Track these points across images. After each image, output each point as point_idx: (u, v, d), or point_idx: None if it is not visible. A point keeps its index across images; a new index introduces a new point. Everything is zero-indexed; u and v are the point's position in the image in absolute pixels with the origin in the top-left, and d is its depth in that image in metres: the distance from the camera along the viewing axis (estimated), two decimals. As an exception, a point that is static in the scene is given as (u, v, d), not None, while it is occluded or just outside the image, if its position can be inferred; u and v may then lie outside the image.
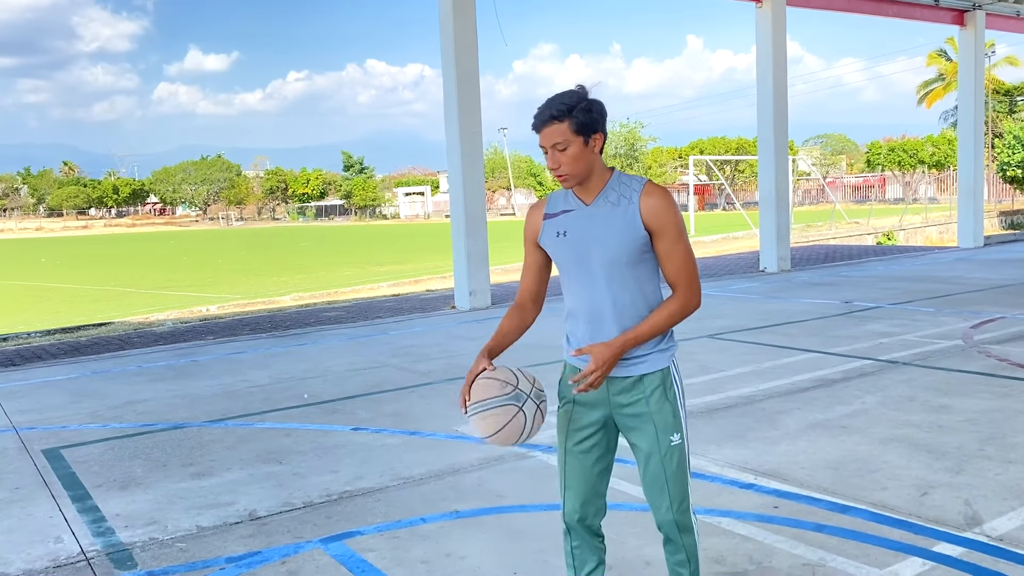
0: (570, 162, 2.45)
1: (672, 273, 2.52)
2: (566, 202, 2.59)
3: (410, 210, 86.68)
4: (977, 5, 17.85)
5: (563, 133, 2.43)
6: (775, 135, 14.87)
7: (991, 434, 5.00)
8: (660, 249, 2.50)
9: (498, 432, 2.47)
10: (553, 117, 2.43)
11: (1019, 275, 12.70)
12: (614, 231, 2.49)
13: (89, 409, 6.69)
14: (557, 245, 2.58)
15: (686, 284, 2.51)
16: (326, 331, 10.36)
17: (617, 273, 2.51)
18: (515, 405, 2.47)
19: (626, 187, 2.52)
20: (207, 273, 27.56)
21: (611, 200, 2.51)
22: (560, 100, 2.44)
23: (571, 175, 2.48)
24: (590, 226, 2.52)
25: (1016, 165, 32.16)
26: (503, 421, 2.45)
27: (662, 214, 2.47)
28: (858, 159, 72.06)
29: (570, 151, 2.44)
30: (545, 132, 2.45)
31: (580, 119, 2.42)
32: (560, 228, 2.57)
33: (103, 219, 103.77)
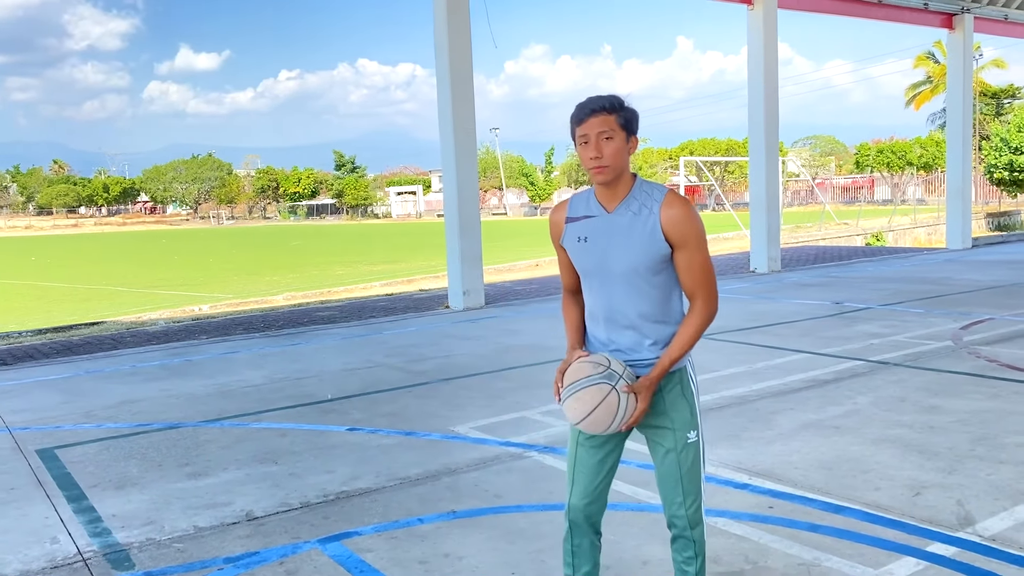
0: (612, 154, 2.51)
1: (691, 284, 2.57)
2: (588, 207, 2.63)
3: (402, 209, 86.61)
4: (965, 9, 17.97)
5: (610, 124, 2.50)
6: (766, 137, 14.94)
7: (982, 435, 5.05)
8: (680, 260, 2.55)
9: (591, 413, 2.50)
10: (604, 108, 2.50)
11: (1007, 276, 12.80)
12: (635, 242, 2.53)
13: (83, 409, 6.68)
14: (578, 250, 2.63)
15: (706, 295, 2.56)
16: (319, 331, 10.36)
17: (637, 282, 2.56)
18: (608, 384, 2.49)
19: (647, 196, 2.56)
20: (199, 272, 27.48)
21: (632, 209, 2.55)
22: (607, 96, 2.53)
23: (612, 166, 2.52)
24: (611, 235, 2.57)
25: (1003, 167, 32.38)
26: (596, 400, 2.48)
27: (683, 226, 2.51)
28: (847, 160, 72.40)
29: (614, 143, 2.51)
30: (592, 121, 2.51)
31: (627, 116, 2.52)
32: (581, 233, 2.62)
33: (93, 217, 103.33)
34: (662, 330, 2.60)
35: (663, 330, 2.60)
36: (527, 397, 6.40)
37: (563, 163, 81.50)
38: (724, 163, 63.03)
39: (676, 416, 2.62)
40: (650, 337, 2.59)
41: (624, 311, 2.58)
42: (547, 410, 5.95)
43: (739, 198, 60.25)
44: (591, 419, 2.51)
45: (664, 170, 69.71)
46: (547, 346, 8.55)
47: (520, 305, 11.96)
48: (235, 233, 64.36)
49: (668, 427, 2.62)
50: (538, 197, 77.10)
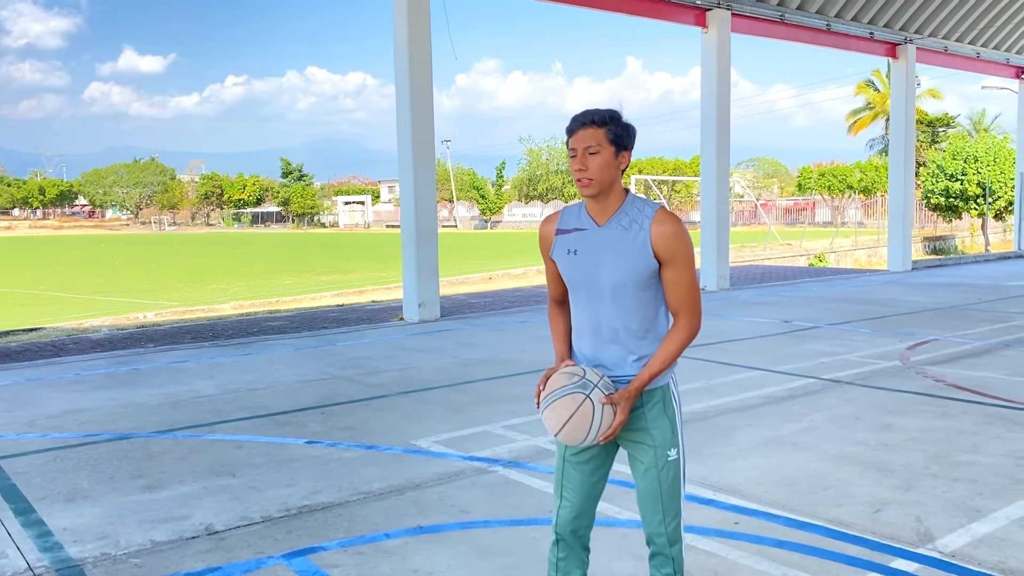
0: (598, 168, 2.51)
1: (677, 301, 2.58)
2: (579, 220, 2.63)
3: (349, 219, 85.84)
4: (909, 39, 18.58)
5: (598, 138, 2.51)
6: (717, 157, 15.19)
7: (935, 453, 5.18)
8: (667, 276, 2.56)
9: (566, 423, 2.49)
10: (593, 121, 2.51)
11: (947, 299, 13.21)
12: (624, 256, 2.54)
13: (26, 418, 6.44)
14: (567, 262, 2.63)
15: (690, 312, 2.58)
16: (270, 341, 10.18)
17: (624, 296, 2.56)
18: (581, 392, 2.49)
19: (639, 212, 2.57)
20: (141, 278, 26.81)
21: (623, 224, 2.56)
22: (600, 110, 2.54)
23: (596, 181, 2.53)
24: (601, 248, 2.57)
25: (939, 193, 33.44)
26: (571, 410, 2.48)
27: (673, 243, 2.53)
28: (789, 183, 74.05)
29: (600, 157, 2.51)
30: (581, 134, 2.52)
31: (616, 131, 2.52)
32: (571, 246, 2.62)
33: (27, 220, 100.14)
34: (648, 346, 2.61)
35: (648, 346, 2.61)
36: (488, 411, 6.37)
37: (514, 177, 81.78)
38: (671, 182, 63.96)
39: (657, 433, 2.62)
40: (635, 353, 2.60)
41: (611, 325, 2.58)
42: (509, 424, 5.93)
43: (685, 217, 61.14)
44: (566, 430, 2.50)
45: (612, 187, 70.30)
46: (504, 359, 8.54)
47: (476, 318, 11.92)
48: (177, 239, 63.01)
49: (649, 444, 2.61)
50: (488, 211, 77.15)
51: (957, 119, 54.53)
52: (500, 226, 74.27)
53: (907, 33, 18.51)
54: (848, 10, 17.12)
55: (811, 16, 16.58)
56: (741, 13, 15.35)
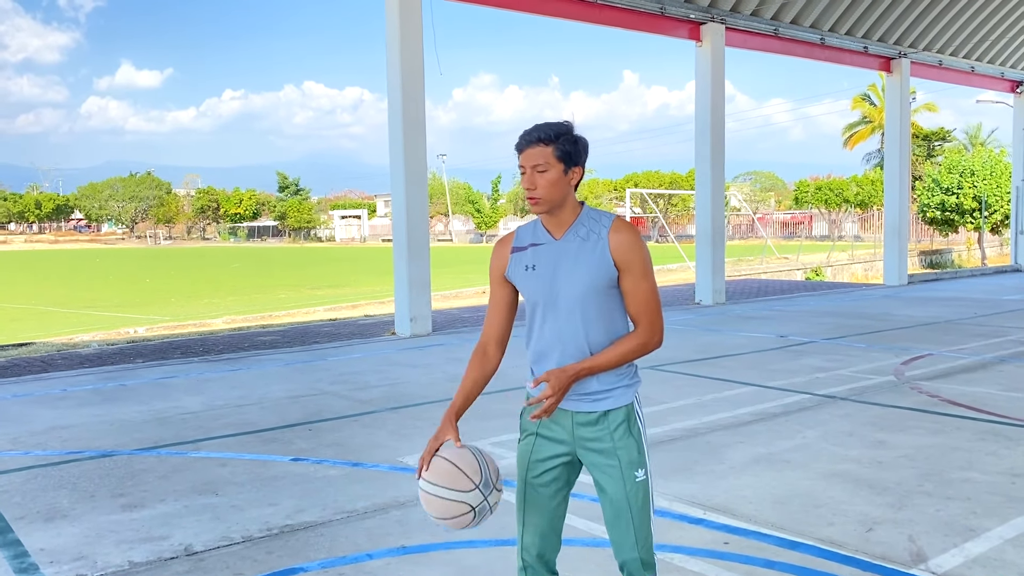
0: (546, 186, 2.47)
1: (635, 309, 2.52)
2: (535, 235, 2.58)
3: (346, 233, 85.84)
4: (903, 53, 18.63)
5: (546, 156, 2.46)
6: (712, 171, 15.18)
7: (928, 470, 5.11)
8: (626, 285, 2.51)
9: (442, 520, 2.48)
10: (540, 139, 2.46)
11: (943, 313, 13.16)
12: (583, 266, 2.49)
13: (10, 435, 6.35)
14: (526, 278, 2.56)
15: (648, 322, 2.52)
16: (261, 356, 10.09)
17: (585, 308, 2.50)
18: (468, 506, 2.45)
19: (595, 223, 2.53)
20: (134, 293, 26.71)
21: (580, 235, 2.52)
22: (549, 126, 2.48)
23: (544, 199, 2.48)
24: (559, 260, 2.52)
25: (935, 207, 33.48)
26: (452, 513, 2.46)
27: (630, 250, 2.48)
28: (786, 196, 74.19)
29: (549, 175, 2.46)
30: (529, 152, 2.47)
31: (564, 147, 2.47)
32: (529, 262, 2.56)
33: (23, 234, 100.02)
34: None
35: None
36: (476, 428, 6.28)
37: (510, 191, 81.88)
38: (668, 196, 64.04)
39: (623, 455, 2.53)
40: None
41: (575, 340, 2.51)
42: (496, 441, 5.85)
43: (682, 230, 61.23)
44: (439, 521, 2.49)
45: (609, 201, 70.49)
46: (496, 375, 8.44)
47: (467, 333, 11.84)
48: (172, 254, 62.94)
49: (615, 465, 2.53)
50: (484, 224, 77.23)
51: (953, 133, 54.74)
52: (495, 240, 74.18)
53: (901, 47, 18.56)
54: (842, 24, 17.16)
55: (805, 30, 16.62)
56: (735, 27, 15.38)
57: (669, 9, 14.36)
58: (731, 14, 15.20)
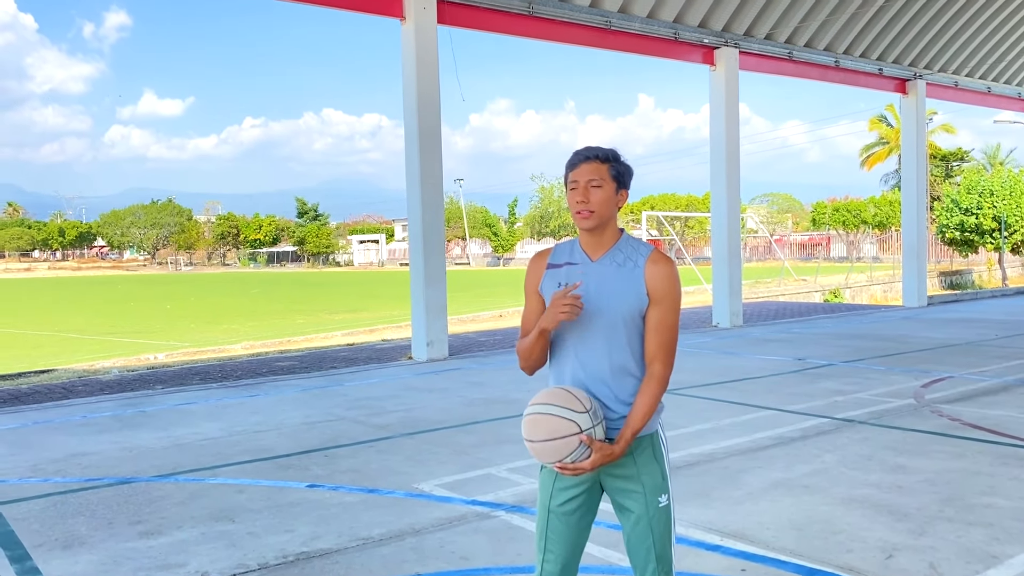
0: (599, 202, 2.53)
1: (655, 345, 2.54)
2: (571, 255, 2.62)
3: (364, 258, 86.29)
4: (918, 75, 18.60)
5: (601, 173, 2.53)
6: (728, 193, 15.18)
7: (949, 495, 5.05)
8: (652, 317, 2.53)
9: (548, 441, 2.43)
10: (596, 157, 2.55)
11: (963, 335, 13.03)
12: (618, 292, 2.52)
13: (30, 462, 6.41)
14: None
15: (664, 359, 2.55)
16: (279, 381, 10.14)
17: (615, 332, 2.53)
18: (578, 426, 2.43)
19: (634, 250, 2.57)
20: (155, 319, 26.94)
21: (617, 261, 2.56)
22: (603, 147, 2.57)
23: (596, 214, 2.53)
24: (593, 282, 2.55)
25: (954, 227, 33.24)
26: (561, 432, 2.42)
27: (665, 283, 2.52)
28: (803, 218, 73.93)
29: (603, 191, 2.53)
30: (585, 167, 2.54)
31: (618, 168, 2.56)
32: (563, 280, 2.59)
33: (47, 262, 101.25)
34: (633, 384, 2.56)
35: (634, 384, 2.56)
36: (493, 453, 6.28)
37: (526, 214, 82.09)
38: (684, 218, 63.98)
39: (647, 480, 2.55)
40: (620, 392, 2.55)
41: (599, 362, 2.53)
42: (514, 467, 5.84)
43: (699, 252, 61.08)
44: (543, 447, 2.45)
45: (626, 223, 70.56)
46: (511, 399, 8.45)
47: (484, 357, 11.85)
48: (193, 280, 63.47)
49: (639, 491, 2.55)
50: (501, 248, 77.40)
51: (971, 153, 54.45)
52: (512, 263, 74.41)
53: (916, 69, 18.54)
54: (856, 47, 17.18)
55: (819, 53, 16.64)
56: (749, 51, 15.43)
57: (683, 34, 14.45)
58: (745, 38, 15.26)
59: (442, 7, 11.64)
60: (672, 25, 14.28)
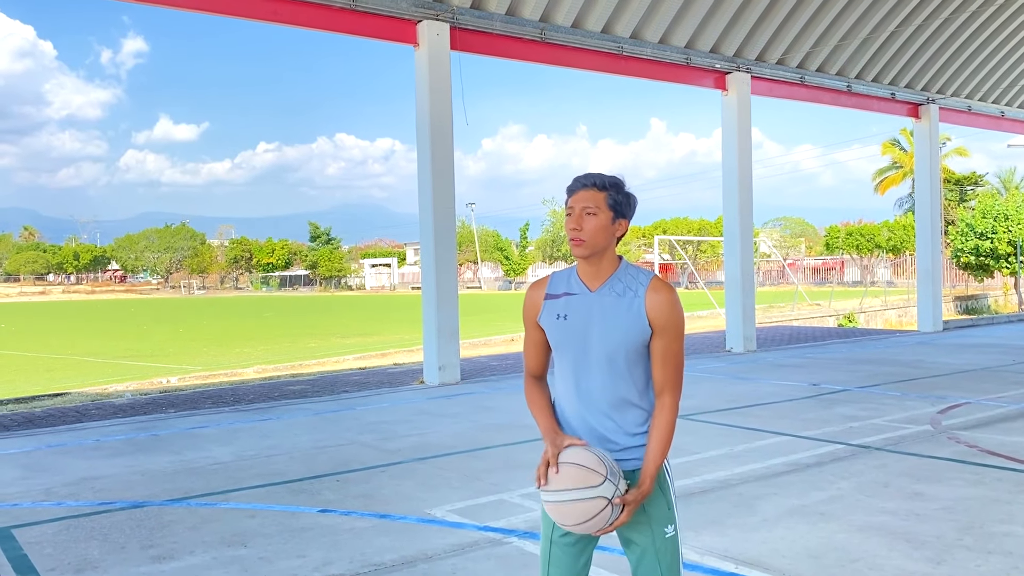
0: (592, 230, 2.49)
1: (662, 375, 2.51)
2: (569, 285, 2.59)
3: (376, 281, 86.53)
4: (931, 99, 18.60)
5: (596, 201, 2.49)
6: (740, 218, 15.17)
7: (968, 523, 4.98)
8: (657, 347, 2.50)
9: (583, 524, 2.40)
10: (594, 184, 2.51)
11: (979, 360, 12.91)
12: (618, 322, 2.49)
13: (43, 485, 6.42)
14: (556, 327, 2.56)
15: (673, 389, 2.53)
16: (291, 405, 10.14)
17: (616, 364, 2.50)
18: (605, 499, 2.38)
19: (633, 279, 2.53)
20: (167, 342, 27.05)
21: (616, 290, 2.52)
22: (603, 175, 2.53)
23: (589, 242, 2.50)
24: (593, 313, 2.52)
25: (969, 252, 33.09)
26: (592, 513, 2.38)
27: (667, 312, 2.48)
28: (817, 242, 73.77)
29: (597, 219, 2.49)
30: (581, 194, 2.51)
31: (616, 197, 2.51)
32: (561, 311, 2.55)
33: (61, 285, 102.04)
34: (636, 415, 2.53)
35: (637, 415, 2.54)
36: (505, 478, 6.25)
37: (538, 238, 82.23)
38: (696, 242, 63.93)
39: (653, 511, 2.53)
40: (623, 423, 2.53)
41: (602, 394, 2.51)
42: (526, 492, 5.80)
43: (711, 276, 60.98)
44: (579, 528, 2.41)
45: (638, 247, 70.54)
46: (524, 424, 8.41)
47: (496, 381, 11.82)
48: (206, 303, 63.76)
49: (644, 523, 2.52)
50: (512, 272, 77.48)
51: (985, 177, 54.26)
52: (524, 287, 74.39)
53: (929, 93, 18.55)
54: (869, 71, 17.21)
55: (831, 78, 16.67)
56: (761, 76, 15.48)
57: (695, 60, 14.51)
58: (756, 63, 15.31)
59: (455, 33, 11.74)
60: (684, 50, 14.35)
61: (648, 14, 13.63)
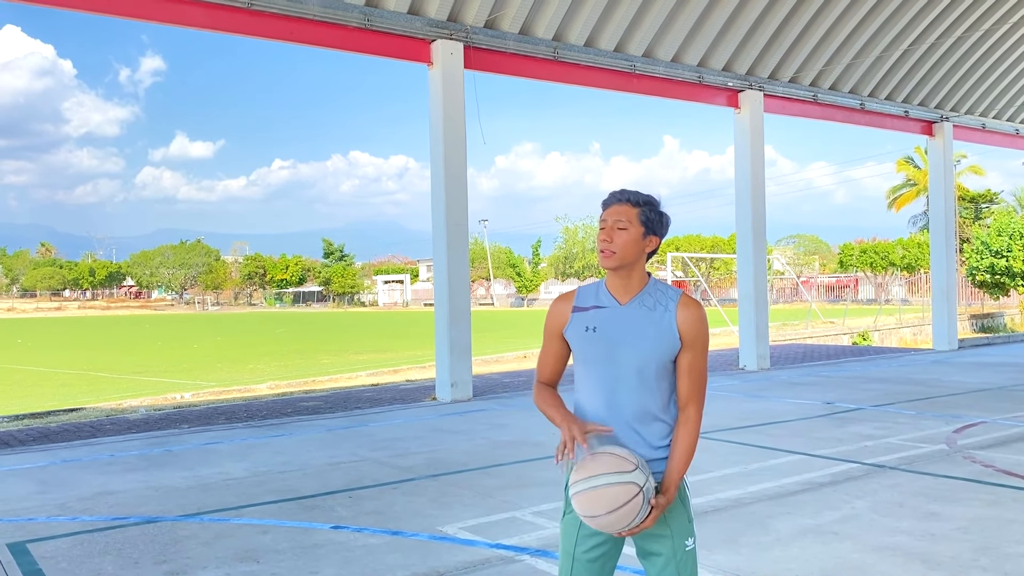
0: (623, 244, 2.53)
1: (688, 389, 2.55)
2: (598, 298, 2.61)
3: (389, 298, 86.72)
4: (944, 117, 18.57)
5: (629, 216, 2.54)
6: (753, 236, 15.14)
7: (984, 544, 4.93)
8: (683, 361, 2.54)
9: (614, 511, 2.37)
10: (628, 200, 2.55)
11: (995, 379, 12.81)
12: (648, 337, 2.52)
13: (58, 500, 6.45)
14: (585, 340, 2.58)
15: (698, 402, 2.56)
16: (304, 422, 10.17)
17: (645, 377, 2.53)
18: (637, 486, 2.38)
19: (663, 295, 2.57)
20: (181, 358, 27.18)
21: (647, 305, 2.55)
22: (638, 192, 2.58)
23: (618, 256, 2.53)
24: (623, 327, 2.54)
25: (984, 270, 32.85)
26: (624, 498, 2.36)
27: (696, 327, 2.53)
28: (830, 260, 73.48)
29: (628, 234, 2.53)
30: (614, 208, 2.56)
31: (649, 214, 2.55)
32: (590, 323, 2.58)
33: (77, 301, 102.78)
34: (660, 428, 2.56)
35: (661, 428, 2.56)
36: (517, 496, 6.24)
37: (550, 255, 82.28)
38: (710, 259, 63.79)
39: (675, 524, 2.55)
40: (648, 436, 2.55)
41: (628, 406, 2.53)
42: (538, 510, 5.80)
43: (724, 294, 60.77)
44: (607, 519, 2.38)
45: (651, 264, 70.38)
46: (536, 442, 8.41)
47: (508, 398, 11.82)
48: (220, 319, 64.05)
49: (666, 535, 2.54)
50: (525, 288, 77.52)
51: (1001, 195, 53.97)
52: (536, 304, 74.45)
53: (943, 111, 18.51)
54: (882, 89, 17.21)
55: (844, 96, 16.68)
56: (773, 94, 15.50)
57: (707, 78, 14.56)
58: (769, 81, 15.34)
59: (469, 52, 11.84)
60: (696, 69, 14.40)
61: (660, 33, 13.70)
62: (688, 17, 13.63)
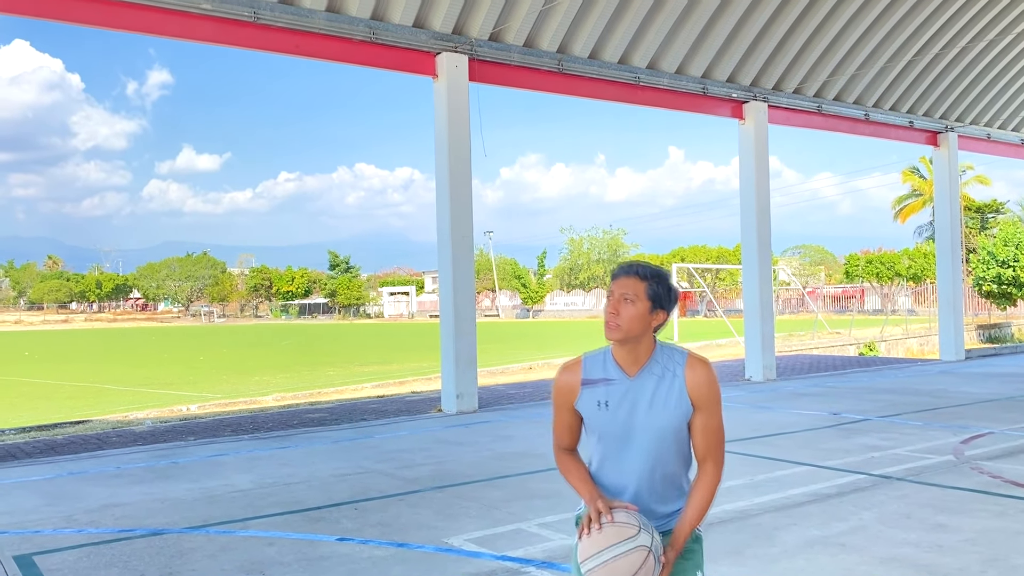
0: (629, 318, 2.51)
1: (704, 447, 2.55)
2: (605, 370, 2.59)
3: (394, 309, 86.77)
4: (949, 127, 18.57)
5: (636, 289, 2.51)
6: (758, 246, 15.14)
7: (992, 555, 4.91)
8: (697, 422, 2.54)
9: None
10: (637, 273, 2.53)
11: (1003, 390, 12.76)
12: (662, 407, 2.52)
13: (64, 512, 6.47)
14: (598, 416, 2.57)
15: (716, 458, 2.57)
16: (310, 434, 10.17)
17: (662, 446, 2.54)
18: (645, 548, 2.38)
19: (669, 359, 2.56)
20: (188, 370, 27.22)
21: (656, 373, 2.54)
22: (649, 265, 2.56)
23: (623, 328, 2.51)
24: (635, 399, 2.54)
25: (991, 280, 32.78)
26: (637, 564, 2.36)
27: (706, 388, 2.52)
28: (836, 270, 73.33)
29: (634, 307, 2.51)
30: (623, 280, 2.53)
31: (656, 289, 2.53)
32: (602, 398, 2.56)
33: (83, 313, 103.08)
34: (677, 493, 2.60)
35: (677, 493, 2.60)
36: (523, 508, 6.23)
37: (555, 267, 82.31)
38: (715, 270, 63.74)
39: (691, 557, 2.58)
40: (666, 495, 2.58)
41: (646, 475, 2.55)
42: (543, 522, 5.79)
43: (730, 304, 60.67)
44: None
45: (656, 276, 70.34)
46: (541, 453, 8.40)
47: (513, 410, 11.81)
48: (226, 331, 64.15)
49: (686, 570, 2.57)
50: (530, 299, 77.48)
51: (1007, 205, 53.91)
52: (542, 315, 74.42)
53: (948, 121, 18.51)
54: (886, 100, 17.22)
55: (849, 106, 16.70)
56: (778, 105, 15.53)
57: (711, 89, 14.59)
58: (773, 92, 15.37)
59: (474, 65, 11.89)
60: (700, 80, 14.44)
61: (664, 45, 13.75)
62: (692, 29, 13.67)
